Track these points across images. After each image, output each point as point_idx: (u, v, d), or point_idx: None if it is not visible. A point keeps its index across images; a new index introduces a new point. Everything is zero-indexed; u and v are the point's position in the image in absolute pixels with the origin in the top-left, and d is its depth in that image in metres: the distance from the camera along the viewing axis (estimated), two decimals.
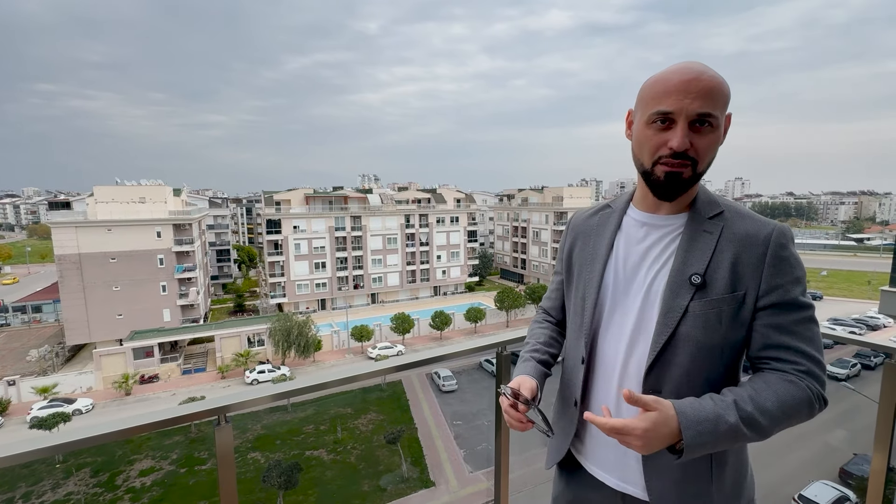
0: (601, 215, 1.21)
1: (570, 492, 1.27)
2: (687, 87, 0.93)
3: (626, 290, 1.08)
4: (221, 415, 1.35)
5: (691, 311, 0.98)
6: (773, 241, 0.98)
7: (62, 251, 33.15)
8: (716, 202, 1.06)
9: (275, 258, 44.06)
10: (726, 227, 1.01)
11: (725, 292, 0.98)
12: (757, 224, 1.00)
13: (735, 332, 0.99)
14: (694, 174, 0.98)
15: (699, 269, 0.99)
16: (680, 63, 0.98)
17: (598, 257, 1.14)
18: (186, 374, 31.43)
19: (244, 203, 79.51)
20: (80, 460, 13.15)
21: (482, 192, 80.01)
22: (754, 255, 0.98)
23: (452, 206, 52.91)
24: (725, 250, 0.99)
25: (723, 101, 0.96)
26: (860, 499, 8.58)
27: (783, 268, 0.98)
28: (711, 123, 0.95)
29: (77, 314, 33.44)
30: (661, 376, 1.01)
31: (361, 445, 17.10)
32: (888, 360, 1.83)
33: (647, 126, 0.99)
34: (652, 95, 0.98)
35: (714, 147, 0.98)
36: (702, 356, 0.99)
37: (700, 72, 0.94)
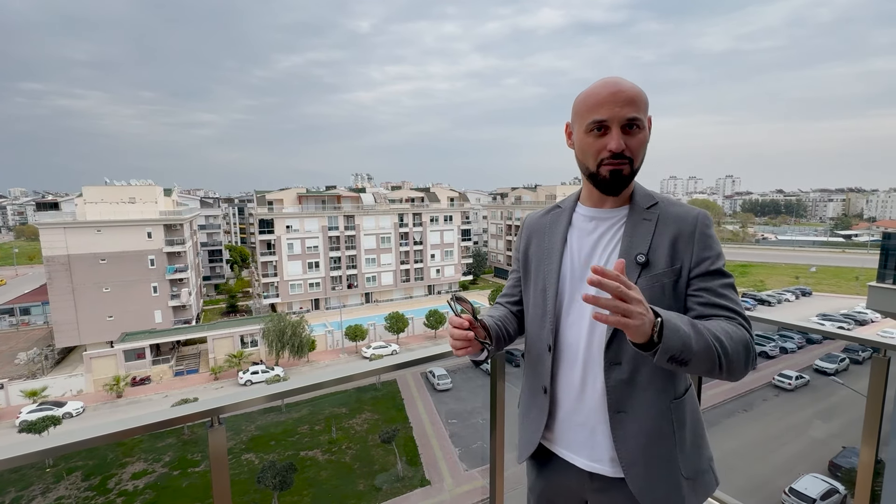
0: (552, 214, 1.34)
1: (543, 479, 1.35)
2: (615, 98, 1.09)
3: (581, 278, 1.21)
4: (215, 416, 1.34)
5: (639, 287, 1.09)
6: (700, 223, 1.15)
7: (51, 252, 32.67)
8: (650, 195, 1.22)
9: (268, 258, 43.77)
10: (661, 214, 1.17)
11: (665, 267, 1.13)
12: (685, 210, 1.18)
13: (675, 303, 1.14)
14: (632, 170, 1.14)
15: (643, 249, 1.14)
16: (604, 78, 1.13)
17: (553, 251, 1.27)
18: (179, 375, 31.14)
19: (236, 203, 78.86)
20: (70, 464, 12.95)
21: (476, 191, 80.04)
22: (685, 234, 1.14)
23: (446, 204, 52.88)
24: (662, 233, 1.15)
25: (644, 106, 1.12)
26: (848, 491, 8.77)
27: (709, 244, 1.14)
28: (638, 125, 1.11)
29: (66, 316, 32.98)
30: (619, 349, 1.13)
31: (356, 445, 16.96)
32: (876, 354, 1.86)
33: (586, 134, 1.14)
34: (586, 108, 1.13)
35: (644, 145, 1.14)
36: None
37: (622, 83, 1.11)
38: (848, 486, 11.16)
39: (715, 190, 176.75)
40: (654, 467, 1.14)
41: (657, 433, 1.15)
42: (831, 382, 19.52)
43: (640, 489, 1.13)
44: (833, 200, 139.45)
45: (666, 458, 1.15)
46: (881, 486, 2.04)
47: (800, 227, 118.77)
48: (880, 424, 1.87)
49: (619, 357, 1.13)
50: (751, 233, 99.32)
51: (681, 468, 1.16)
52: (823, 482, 11.16)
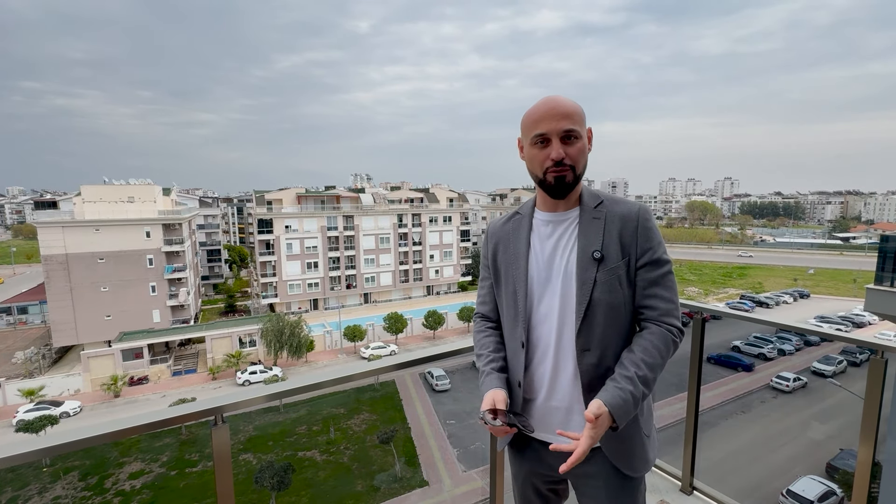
0: (514, 221, 1.45)
1: (525, 464, 1.47)
2: (552, 113, 1.23)
3: (547, 277, 1.33)
4: (218, 415, 1.34)
5: (599, 280, 1.26)
6: (640, 217, 1.29)
7: (49, 251, 32.59)
8: (596, 195, 1.35)
9: (266, 258, 43.72)
10: (608, 212, 1.30)
11: (618, 260, 1.27)
12: (627, 206, 1.31)
13: (628, 291, 1.29)
14: (575, 176, 1.27)
15: (597, 246, 1.28)
16: (544, 97, 1.28)
17: (520, 255, 1.37)
18: (177, 375, 31.08)
19: (235, 202, 78.77)
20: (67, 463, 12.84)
21: (475, 192, 79.97)
22: (630, 228, 1.28)
23: (445, 205, 52.89)
24: (611, 230, 1.28)
25: (580, 119, 1.26)
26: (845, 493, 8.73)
27: (649, 235, 1.29)
28: (576, 136, 1.25)
29: (64, 315, 32.90)
30: (588, 337, 1.27)
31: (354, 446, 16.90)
32: (874, 356, 1.86)
33: (532, 147, 1.28)
34: (529, 124, 1.28)
35: (583, 153, 1.28)
36: (612, 315, 1.27)
37: (560, 100, 1.25)
38: (845, 488, 11.17)
39: (714, 192, 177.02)
40: (626, 435, 1.29)
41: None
42: (829, 384, 19.54)
43: (614, 452, 1.30)
44: (831, 203, 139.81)
45: (632, 423, 1.30)
46: (878, 488, 2.04)
47: (798, 229, 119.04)
48: (878, 426, 1.87)
49: (588, 343, 1.27)
50: (749, 235, 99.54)
51: (642, 429, 1.33)
52: (821, 484, 11.17)
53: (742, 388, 20.84)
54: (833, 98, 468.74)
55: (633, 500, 1.36)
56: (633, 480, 1.34)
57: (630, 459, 1.31)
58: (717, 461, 1.27)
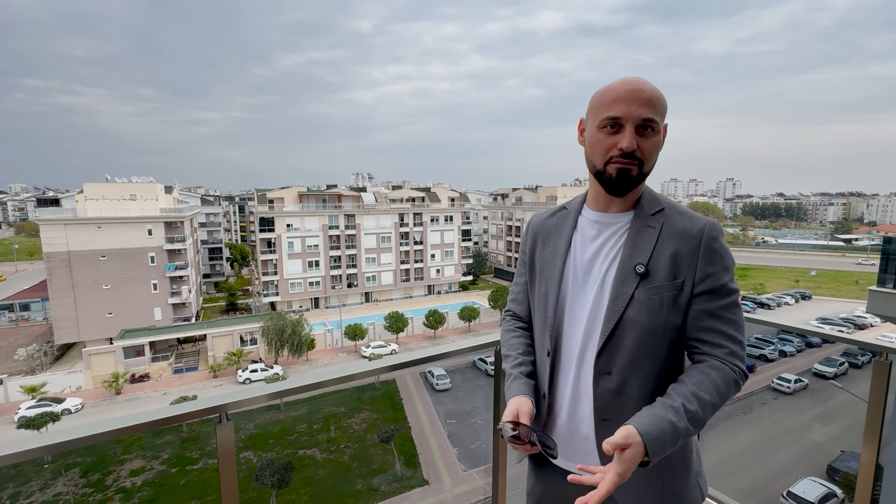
0: (558, 216, 1.31)
1: (541, 484, 1.33)
2: (633, 96, 1.06)
3: (583, 284, 1.18)
4: (223, 412, 1.34)
5: (637, 298, 1.09)
6: (706, 235, 1.10)
7: (51, 249, 32.65)
8: (657, 200, 1.17)
9: (268, 256, 43.75)
10: (666, 222, 1.13)
11: (666, 280, 1.09)
12: (692, 220, 1.12)
13: (674, 317, 1.10)
14: (640, 173, 1.10)
15: (643, 259, 1.10)
16: (626, 77, 1.10)
17: (557, 255, 1.23)
18: (178, 373, 31.13)
19: (237, 201, 78.90)
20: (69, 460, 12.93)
21: (476, 191, 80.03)
22: (690, 246, 1.09)
23: (446, 204, 52.85)
24: (666, 243, 1.10)
25: (662, 109, 1.09)
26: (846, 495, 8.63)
27: (714, 258, 1.09)
28: (654, 128, 1.08)
29: (66, 312, 32.97)
30: (611, 359, 1.11)
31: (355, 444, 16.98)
32: (877, 357, 1.85)
33: (598, 130, 1.10)
34: (602, 103, 1.09)
35: (656, 149, 1.11)
36: (646, 339, 1.09)
37: (643, 84, 1.08)
38: (846, 490, 11.16)
39: (715, 193, 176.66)
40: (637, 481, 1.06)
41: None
42: (830, 386, 19.49)
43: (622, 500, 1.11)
44: (833, 204, 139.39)
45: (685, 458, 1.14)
46: (880, 491, 2.04)
47: (800, 230, 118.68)
48: (881, 428, 1.86)
49: (610, 366, 1.11)
50: (751, 236, 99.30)
51: (663, 482, 1.12)
52: (821, 486, 11.15)
53: (743, 390, 20.71)
54: (835, 100, 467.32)
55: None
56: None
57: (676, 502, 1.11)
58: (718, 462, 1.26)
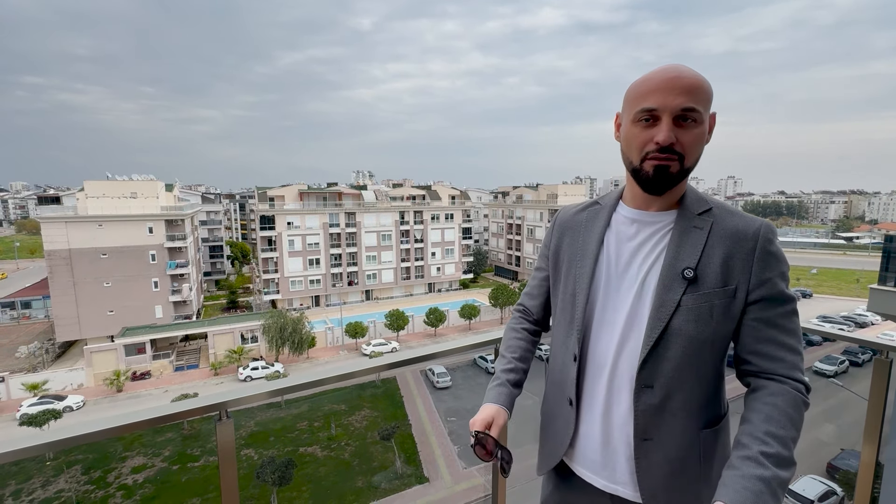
0: (589, 212, 1.21)
1: (558, 494, 1.26)
2: (669, 85, 0.96)
3: (617, 286, 1.09)
4: (223, 410, 1.35)
5: (683, 305, 1.00)
6: (762, 237, 1.01)
7: (52, 246, 32.68)
8: (704, 199, 1.08)
9: (268, 254, 43.77)
10: (716, 223, 1.04)
11: (717, 286, 1.00)
12: (745, 220, 1.03)
13: (725, 326, 1.02)
14: (681, 169, 1.00)
15: (691, 263, 1.01)
16: (664, 65, 1.01)
17: (588, 253, 1.14)
18: (179, 370, 31.20)
19: (237, 199, 78.92)
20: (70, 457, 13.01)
21: (477, 189, 79.96)
22: (744, 250, 1.00)
23: (447, 202, 52.82)
24: (716, 245, 1.01)
25: (705, 97, 0.99)
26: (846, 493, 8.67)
27: (771, 262, 1.01)
28: (695, 119, 0.98)
29: (67, 310, 33.03)
30: (654, 371, 1.02)
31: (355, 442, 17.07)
32: (877, 356, 1.85)
33: (633, 124, 1.02)
34: (637, 95, 1.01)
35: (699, 142, 1.00)
36: (693, 350, 1.01)
37: (681, 70, 0.98)
38: (846, 488, 11.20)
39: (717, 191, 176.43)
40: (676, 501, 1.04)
41: (682, 464, 1.05)
42: (830, 384, 19.51)
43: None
44: (835, 202, 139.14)
45: (689, 490, 1.06)
46: (880, 489, 2.04)
47: (801, 228, 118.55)
48: (881, 426, 1.87)
49: (652, 379, 1.02)
50: None
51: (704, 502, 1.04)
52: (822, 484, 11.20)
53: (743, 388, 20.80)
54: (837, 98, 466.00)
55: None
56: None
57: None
58: None
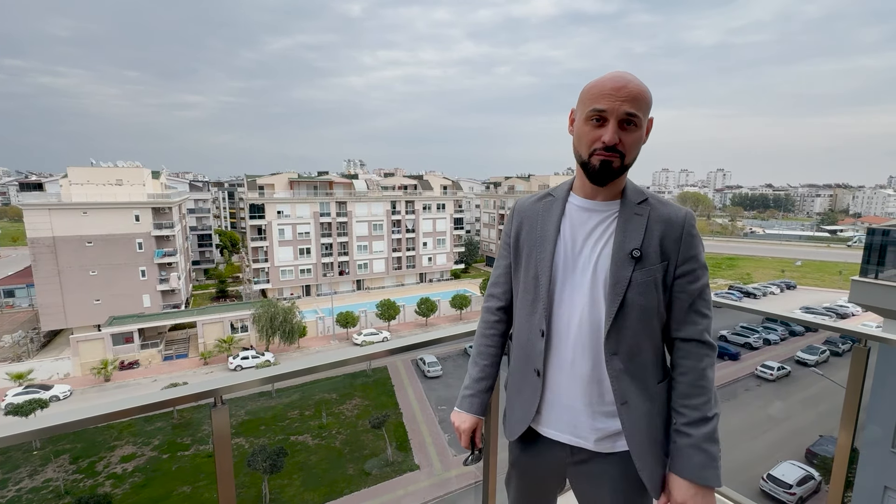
0: (545, 202, 1.35)
1: (526, 456, 1.42)
2: (618, 92, 1.12)
3: (573, 267, 1.25)
4: (217, 396, 1.34)
5: (634, 281, 1.19)
6: (686, 223, 1.22)
7: (35, 234, 31.99)
8: (641, 191, 1.27)
9: (258, 243, 43.36)
10: (652, 211, 1.23)
11: (657, 263, 1.20)
12: (674, 209, 1.24)
13: (664, 296, 1.22)
14: (622, 165, 1.18)
15: (637, 244, 1.20)
16: (614, 71, 1.17)
17: (547, 239, 1.29)
18: (168, 360, 30.97)
19: (226, 187, 77.77)
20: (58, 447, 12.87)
21: (468, 180, 79.75)
22: (674, 233, 1.21)
23: (439, 192, 52.63)
24: (654, 229, 1.21)
25: (645, 105, 1.16)
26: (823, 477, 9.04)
27: (693, 243, 1.23)
28: (636, 123, 1.15)
29: (52, 299, 32.48)
30: (618, 340, 1.20)
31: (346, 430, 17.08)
32: (857, 344, 1.90)
33: (585, 123, 1.18)
34: (590, 97, 1.17)
35: (638, 143, 1.19)
36: (645, 318, 1.20)
37: (629, 80, 1.14)
38: (823, 472, 11.56)
39: (706, 183, 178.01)
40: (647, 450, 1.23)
41: (649, 416, 1.24)
42: (811, 373, 20.04)
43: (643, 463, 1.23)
44: (820, 196, 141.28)
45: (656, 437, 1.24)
46: (855, 473, 2.11)
47: (787, 221, 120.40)
48: (858, 413, 1.92)
49: (617, 347, 1.20)
50: (739, 226, 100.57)
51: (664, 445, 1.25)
52: (800, 469, 11.55)
53: (728, 377, 21.26)
54: (824, 91, 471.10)
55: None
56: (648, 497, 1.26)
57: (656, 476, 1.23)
58: None
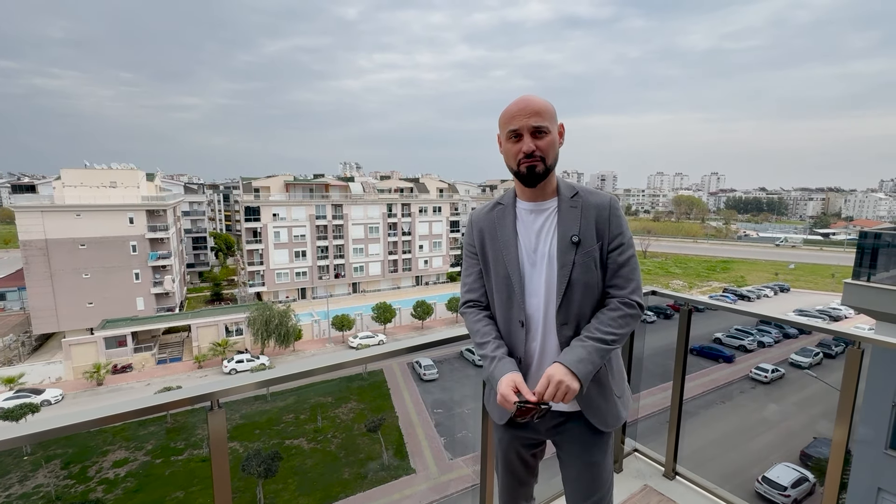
0: (497, 210, 1.57)
1: (510, 433, 1.63)
2: (523, 111, 1.37)
3: (533, 262, 1.47)
4: (214, 400, 1.33)
5: (577, 262, 1.42)
6: (612, 206, 1.45)
7: (27, 237, 31.69)
8: (572, 187, 1.50)
9: (254, 246, 43.16)
10: (583, 201, 1.46)
11: (592, 244, 1.42)
12: (600, 196, 1.47)
13: (601, 271, 1.44)
14: (545, 167, 1.40)
15: (574, 231, 1.43)
16: (518, 97, 1.41)
17: (509, 242, 1.50)
18: (162, 363, 30.71)
19: (221, 189, 77.38)
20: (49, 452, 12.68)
21: (465, 182, 79.74)
22: (603, 216, 1.44)
23: (435, 195, 52.67)
24: (587, 216, 1.44)
25: (549, 116, 1.38)
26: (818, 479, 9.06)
27: (619, 222, 1.45)
28: (545, 131, 1.38)
29: (44, 302, 32.15)
30: (567, 313, 1.43)
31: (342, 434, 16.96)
32: (851, 346, 1.92)
33: (507, 141, 1.42)
34: (505, 121, 1.41)
35: (552, 146, 1.40)
36: (587, 293, 1.43)
37: (531, 100, 1.38)
38: (817, 474, 11.63)
39: (700, 187, 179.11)
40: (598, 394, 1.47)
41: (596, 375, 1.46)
42: (805, 376, 20.15)
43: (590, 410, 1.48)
44: (813, 199, 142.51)
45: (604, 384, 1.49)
46: (849, 475, 2.12)
47: (781, 224, 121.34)
48: (852, 414, 1.93)
49: (567, 318, 1.43)
50: (734, 229, 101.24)
51: (613, 390, 1.51)
52: (795, 471, 11.60)
53: (723, 379, 21.35)
54: (816, 96, 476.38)
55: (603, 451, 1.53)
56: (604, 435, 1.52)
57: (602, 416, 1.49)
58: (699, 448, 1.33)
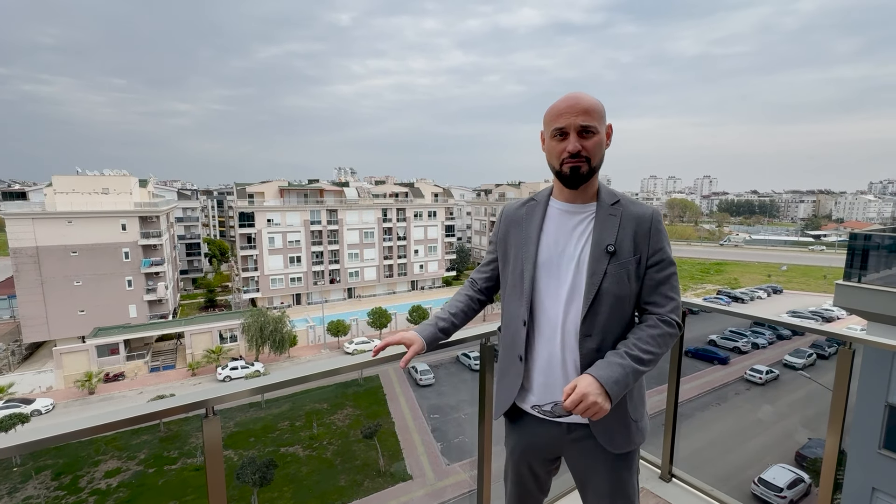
0: (528, 206, 1.52)
1: (523, 438, 1.55)
2: (571, 109, 1.30)
3: (558, 263, 1.40)
4: (209, 407, 1.32)
5: (609, 272, 1.34)
6: (654, 220, 1.39)
7: (18, 244, 31.32)
8: (613, 193, 1.43)
9: (248, 252, 42.92)
10: (624, 211, 1.39)
11: (629, 256, 1.35)
12: (643, 208, 1.40)
13: (635, 285, 1.38)
14: (590, 168, 1.34)
15: (611, 241, 1.36)
16: (567, 94, 1.35)
17: (531, 239, 1.45)
18: (154, 371, 30.37)
19: (215, 195, 76.99)
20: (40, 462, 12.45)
21: (459, 187, 79.98)
22: (644, 229, 1.37)
23: (430, 200, 52.72)
24: (626, 227, 1.37)
25: (598, 115, 1.32)
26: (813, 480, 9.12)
27: (661, 237, 1.39)
28: (593, 131, 1.31)
29: (35, 310, 31.73)
30: (592, 324, 1.35)
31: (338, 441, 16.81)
32: (842, 347, 1.93)
33: (551, 140, 1.36)
34: (550, 118, 1.35)
35: (599, 147, 1.34)
36: (617, 306, 1.36)
37: (580, 97, 1.32)
38: (813, 475, 11.68)
39: (693, 190, 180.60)
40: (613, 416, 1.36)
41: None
42: (799, 377, 20.28)
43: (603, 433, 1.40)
44: (804, 202, 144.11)
45: (622, 406, 1.39)
46: (843, 475, 2.13)
47: (773, 226, 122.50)
48: (844, 413, 1.95)
49: (591, 330, 1.35)
50: (726, 232, 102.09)
51: (630, 413, 1.42)
52: (790, 472, 11.65)
53: (718, 381, 21.43)
54: (804, 100, 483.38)
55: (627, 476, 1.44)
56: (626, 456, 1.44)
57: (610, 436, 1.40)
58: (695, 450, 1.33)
